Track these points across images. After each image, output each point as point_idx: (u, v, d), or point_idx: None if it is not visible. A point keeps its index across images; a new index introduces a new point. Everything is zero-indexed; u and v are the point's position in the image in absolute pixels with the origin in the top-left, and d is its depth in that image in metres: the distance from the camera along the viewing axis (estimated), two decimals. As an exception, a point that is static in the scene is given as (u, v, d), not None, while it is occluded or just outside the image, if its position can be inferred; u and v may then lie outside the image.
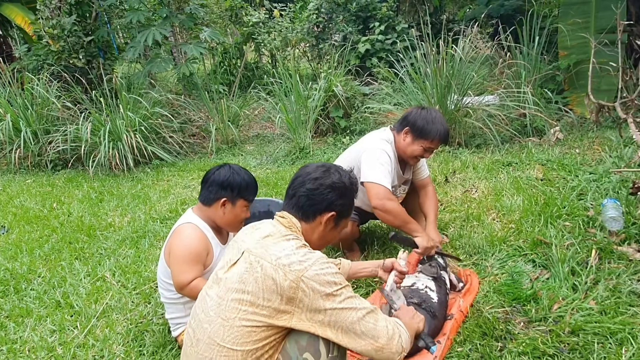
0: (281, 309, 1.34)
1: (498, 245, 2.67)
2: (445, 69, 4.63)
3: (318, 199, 1.53)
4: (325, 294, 1.33)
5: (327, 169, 1.58)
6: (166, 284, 1.97)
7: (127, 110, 5.19)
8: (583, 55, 4.92)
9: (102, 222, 3.62)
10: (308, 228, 1.55)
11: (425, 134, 2.39)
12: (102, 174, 4.96)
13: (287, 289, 1.32)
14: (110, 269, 2.83)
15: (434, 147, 2.45)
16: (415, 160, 2.51)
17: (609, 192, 3.05)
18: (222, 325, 1.37)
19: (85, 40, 6.22)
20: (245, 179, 1.97)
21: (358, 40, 7.31)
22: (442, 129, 2.39)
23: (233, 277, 1.41)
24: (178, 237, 1.91)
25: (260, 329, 1.34)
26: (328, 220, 1.55)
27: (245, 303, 1.36)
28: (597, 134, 4.45)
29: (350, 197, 1.60)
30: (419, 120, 2.40)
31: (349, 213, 1.63)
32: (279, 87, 5.67)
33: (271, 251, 1.40)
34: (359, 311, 1.37)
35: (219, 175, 1.96)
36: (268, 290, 1.34)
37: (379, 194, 2.30)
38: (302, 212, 1.53)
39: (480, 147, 4.60)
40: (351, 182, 1.61)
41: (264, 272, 1.36)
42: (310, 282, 1.33)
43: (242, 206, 1.98)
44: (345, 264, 1.95)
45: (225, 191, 1.94)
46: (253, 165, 5.04)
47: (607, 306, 2.05)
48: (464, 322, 2.06)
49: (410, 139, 2.43)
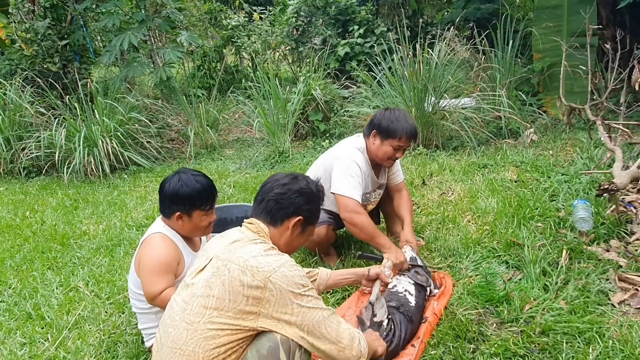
0: (247, 310, 1.36)
1: (472, 247, 2.71)
2: (422, 72, 4.68)
3: (286, 203, 1.57)
4: (293, 294, 1.37)
5: (295, 177, 1.64)
6: (137, 294, 1.94)
7: (102, 116, 5.11)
8: (556, 58, 5.02)
9: (77, 231, 3.55)
10: (276, 233, 1.58)
11: (391, 133, 2.41)
12: (78, 181, 4.88)
13: (254, 289, 1.35)
14: (83, 278, 2.78)
15: (403, 145, 2.45)
16: (389, 162, 2.51)
17: (579, 192, 3.13)
18: (185, 329, 1.37)
19: (60, 44, 6.12)
20: (196, 189, 1.88)
21: (337, 44, 7.33)
22: (408, 125, 2.41)
23: (199, 283, 1.43)
24: (147, 247, 1.88)
25: (224, 333, 1.35)
26: (295, 225, 1.58)
27: (211, 307, 1.37)
28: (569, 136, 4.55)
29: (317, 204, 1.64)
30: (384, 121, 2.43)
31: (315, 219, 1.67)
32: (258, 91, 5.65)
33: (238, 254, 1.42)
34: (324, 311, 1.43)
35: (168, 189, 1.90)
36: (234, 292, 1.36)
37: (347, 207, 2.34)
38: (270, 217, 1.57)
39: (457, 150, 4.66)
40: (318, 190, 1.66)
41: (231, 274, 1.38)
42: (278, 283, 1.36)
43: (200, 216, 1.92)
44: (324, 273, 1.95)
45: (177, 205, 1.89)
46: (232, 169, 5.01)
47: (577, 306, 2.10)
48: (438, 324, 2.08)
49: (379, 140, 2.45)
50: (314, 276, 1.93)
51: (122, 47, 5.42)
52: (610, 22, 5.39)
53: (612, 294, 2.20)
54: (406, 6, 8.64)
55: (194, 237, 2.05)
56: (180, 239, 1.96)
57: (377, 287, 1.93)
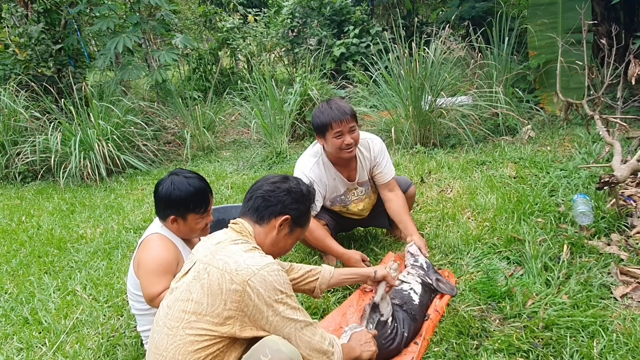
0: (225, 315, 1.32)
1: (473, 244, 2.69)
2: (418, 71, 4.67)
3: (273, 200, 1.53)
4: (270, 300, 1.34)
5: (287, 177, 1.61)
6: (136, 295, 1.92)
7: (98, 119, 5.08)
8: (552, 55, 5.03)
9: (74, 234, 3.52)
10: (262, 231, 1.54)
11: (323, 128, 2.34)
12: (74, 185, 4.84)
13: (232, 293, 1.32)
14: (81, 282, 2.75)
15: (343, 129, 2.31)
16: (346, 151, 2.37)
17: (579, 187, 3.12)
18: (166, 335, 1.35)
19: (54, 49, 6.09)
20: (189, 192, 1.83)
21: (333, 44, 7.33)
22: (332, 111, 2.31)
23: (181, 287, 1.41)
24: (146, 248, 1.86)
25: (203, 339, 1.32)
26: (282, 224, 1.54)
27: (189, 311, 1.34)
28: (567, 131, 4.55)
29: (306, 205, 1.60)
30: (314, 120, 2.40)
31: (304, 222, 1.62)
32: (254, 92, 5.64)
33: (218, 256, 1.39)
34: (297, 323, 1.39)
35: (161, 192, 1.86)
36: (213, 296, 1.33)
37: None
38: (257, 214, 1.53)
39: (454, 147, 4.65)
40: (308, 191, 1.62)
41: (210, 278, 1.35)
42: (256, 287, 1.32)
43: (195, 219, 1.88)
44: (327, 272, 1.91)
45: (171, 209, 1.85)
46: (229, 171, 4.98)
47: (579, 300, 2.08)
48: (440, 321, 2.06)
49: (323, 139, 2.41)
50: (317, 274, 1.89)
51: (116, 50, 5.40)
52: (604, 18, 5.41)
53: (614, 288, 2.18)
54: (401, 6, 8.65)
55: (194, 239, 2.02)
56: (179, 239, 1.94)
57: (383, 287, 1.91)
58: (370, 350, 1.69)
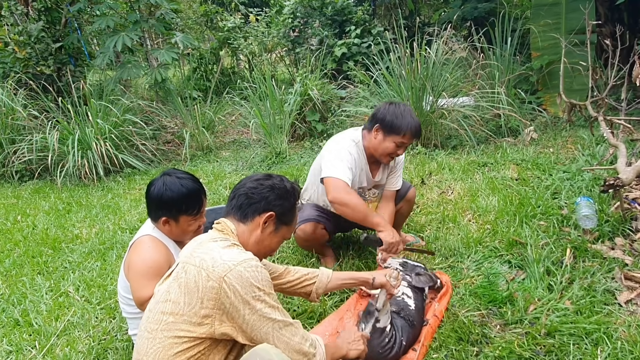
0: (203, 314, 1.27)
1: (474, 247, 2.64)
2: (419, 71, 4.62)
3: (257, 197, 1.48)
4: (247, 297, 1.27)
5: (270, 175, 1.56)
6: (127, 299, 1.87)
7: (96, 118, 5.03)
8: (555, 56, 4.98)
9: (69, 234, 3.47)
10: (245, 230, 1.48)
11: (395, 129, 2.29)
12: (71, 184, 4.80)
13: (209, 290, 1.26)
14: (74, 283, 2.69)
15: (406, 142, 2.34)
16: (388, 158, 2.40)
17: (582, 190, 3.06)
18: (147, 339, 1.31)
19: (54, 47, 6.05)
20: (181, 193, 1.78)
21: (334, 44, 7.28)
22: (413, 122, 2.30)
23: (162, 288, 1.37)
24: (136, 250, 1.81)
25: (182, 340, 1.27)
26: (267, 221, 1.49)
27: (167, 312, 1.30)
28: (570, 133, 4.49)
29: (290, 201, 1.54)
30: (388, 116, 2.31)
31: (289, 219, 1.56)
32: (254, 92, 5.59)
33: (196, 254, 1.35)
34: (276, 323, 1.32)
35: (152, 193, 1.81)
36: (190, 294, 1.28)
37: (336, 187, 2.20)
38: (241, 212, 1.48)
39: (456, 149, 4.60)
40: (293, 188, 1.56)
41: (187, 276, 1.30)
42: (232, 283, 1.26)
43: (187, 221, 1.83)
44: (325, 276, 1.84)
45: (162, 210, 1.80)
46: (228, 171, 4.93)
47: (583, 306, 2.03)
48: (440, 327, 2.00)
49: (381, 135, 2.34)
50: (314, 278, 1.83)
51: (115, 48, 5.35)
52: (608, 19, 5.35)
53: (619, 293, 2.13)
54: (403, 6, 8.60)
55: (186, 241, 1.97)
56: (171, 241, 1.89)
57: (384, 294, 1.86)
58: (358, 348, 1.64)
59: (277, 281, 1.78)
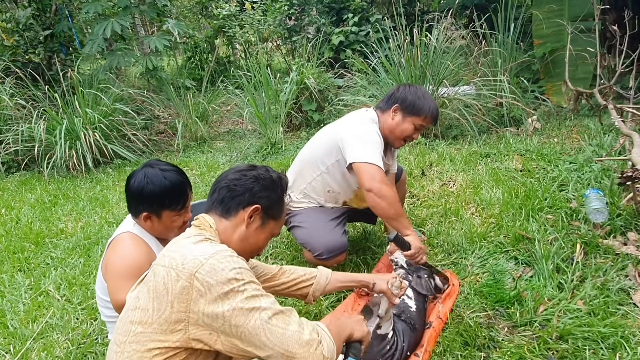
0: (174, 319, 1.10)
1: (478, 242, 2.50)
2: (419, 59, 4.46)
3: (240, 189, 1.32)
4: (224, 292, 1.09)
5: (254, 165, 1.40)
6: (105, 301, 1.72)
7: (85, 107, 4.85)
8: (557, 43, 4.81)
9: (53, 228, 3.32)
10: (229, 226, 1.31)
11: (417, 110, 2.14)
12: (59, 176, 4.64)
13: (179, 291, 1.09)
14: (55, 281, 2.55)
15: (424, 126, 2.20)
16: (402, 142, 2.25)
17: (590, 182, 2.92)
18: (115, 352, 1.15)
19: (43, 35, 5.84)
20: (164, 186, 1.63)
21: (331, 32, 7.09)
22: (434, 105, 2.17)
23: (133, 295, 1.21)
24: (115, 249, 1.66)
25: (152, 354, 1.10)
26: (252, 215, 1.32)
27: (135, 321, 1.13)
28: (574, 122, 4.34)
29: (277, 193, 1.38)
30: (410, 96, 2.16)
31: (277, 213, 1.39)
32: (249, 80, 5.41)
33: (166, 253, 1.19)
34: (264, 312, 1.11)
35: (132, 186, 1.66)
36: (159, 298, 1.11)
37: (374, 176, 1.98)
38: (223, 207, 1.32)
39: (457, 138, 4.44)
40: (279, 178, 1.40)
41: (156, 279, 1.14)
42: (205, 279, 1.09)
43: (170, 217, 1.68)
44: (323, 278, 1.69)
45: (143, 205, 1.65)
46: (222, 162, 4.78)
47: (596, 306, 1.89)
48: (444, 330, 1.87)
49: (400, 116, 2.18)
50: (311, 279, 1.67)
51: (105, 35, 5.16)
52: (612, 6, 5.17)
53: (633, 292, 1.99)
54: (402, -7, 8.38)
55: (170, 238, 1.82)
56: (154, 238, 1.74)
57: (386, 302, 1.71)
58: (362, 329, 1.39)
59: (270, 283, 1.63)
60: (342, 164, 2.19)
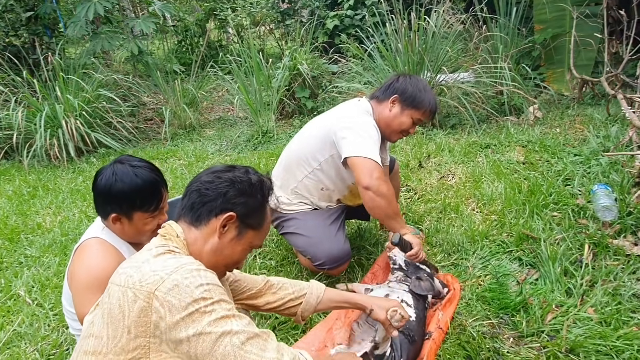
0: (132, 347, 0.94)
1: (480, 241, 2.35)
2: (417, 44, 4.26)
3: (212, 193, 1.14)
4: (188, 313, 0.94)
5: (234, 166, 1.21)
6: (72, 313, 1.55)
7: (66, 93, 4.62)
8: (559, 29, 4.61)
9: (30, 223, 3.14)
10: (199, 236, 1.14)
11: (417, 103, 2.02)
12: (40, 166, 4.43)
13: (136, 314, 0.94)
14: (27, 283, 2.37)
15: (422, 120, 2.08)
16: (398, 135, 2.11)
17: (598, 176, 2.77)
18: None
19: (24, 17, 5.57)
20: (135, 185, 1.46)
21: (326, 16, 6.84)
22: (434, 99, 2.05)
23: (88, 319, 1.05)
24: (80, 257, 1.48)
25: None
26: (226, 224, 1.14)
27: (89, 351, 0.98)
28: (577, 111, 4.18)
29: (257, 199, 1.18)
30: (410, 87, 2.02)
31: (256, 221, 1.20)
32: (239, 66, 5.19)
33: (123, 270, 1.03)
34: (235, 336, 0.96)
35: (100, 184, 1.49)
36: (114, 324, 0.95)
37: (372, 172, 1.83)
38: (193, 213, 1.14)
39: (455, 128, 4.28)
40: (260, 181, 1.20)
41: (110, 300, 0.98)
42: (167, 298, 0.93)
43: (142, 219, 1.50)
44: (314, 297, 1.49)
45: (111, 205, 1.48)
46: (211, 151, 4.59)
47: (608, 315, 1.75)
48: (444, 341, 1.72)
49: (399, 108, 2.04)
50: (300, 298, 1.49)
51: (87, 16, 4.90)
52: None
53: (647, 299, 1.86)
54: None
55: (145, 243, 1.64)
56: (125, 243, 1.56)
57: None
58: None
59: (253, 301, 1.46)
60: (336, 159, 2.03)
